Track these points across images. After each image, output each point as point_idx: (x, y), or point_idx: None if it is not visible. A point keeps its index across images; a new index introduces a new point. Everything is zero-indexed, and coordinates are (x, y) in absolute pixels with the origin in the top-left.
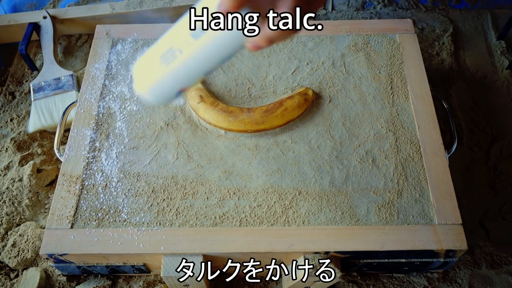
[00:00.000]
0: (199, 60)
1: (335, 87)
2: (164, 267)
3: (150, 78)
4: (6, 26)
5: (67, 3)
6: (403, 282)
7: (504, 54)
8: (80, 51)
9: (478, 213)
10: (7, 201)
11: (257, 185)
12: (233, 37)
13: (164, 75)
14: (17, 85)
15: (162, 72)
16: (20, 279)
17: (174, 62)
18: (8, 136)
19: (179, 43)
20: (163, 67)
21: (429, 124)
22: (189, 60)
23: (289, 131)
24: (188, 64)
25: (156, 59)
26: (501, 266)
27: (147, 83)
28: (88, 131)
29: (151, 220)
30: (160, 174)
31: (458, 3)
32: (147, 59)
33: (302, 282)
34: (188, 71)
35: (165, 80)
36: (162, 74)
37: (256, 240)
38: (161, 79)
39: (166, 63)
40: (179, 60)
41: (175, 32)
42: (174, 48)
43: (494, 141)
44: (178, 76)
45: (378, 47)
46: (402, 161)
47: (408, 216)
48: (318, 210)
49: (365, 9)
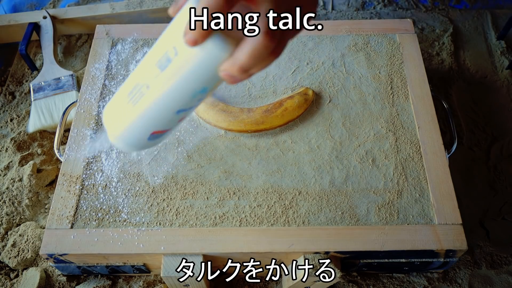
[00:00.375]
0: (169, 96)
1: (335, 87)
2: (164, 267)
3: (119, 121)
4: (6, 26)
5: (67, 3)
6: (403, 282)
7: (504, 54)
8: (80, 51)
9: (478, 213)
10: (7, 201)
11: (257, 185)
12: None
13: (132, 117)
14: (17, 85)
15: (130, 113)
16: (20, 279)
17: (142, 100)
18: (8, 136)
19: (146, 77)
20: (130, 107)
21: (429, 124)
22: (158, 97)
23: (289, 131)
24: (157, 101)
25: (124, 99)
26: (501, 266)
27: (116, 128)
28: (88, 131)
29: (151, 220)
30: (160, 174)
31: (458, 3)
32: (115, 100)
33: (302, 282)
34: (158, 109)
35: (134, 123)
36: (130, 115)
37: (256, 240)
38: (130, 121)
39: (133, 102)
40: (146, 97)
41: (142, 65)
42: (141, 83)
43: (494, 141)
44: (148, 117)
45: (378, 47)
46: (402, 161)
47: (408, 216)
48: (318, 210)
49: (365, 9)
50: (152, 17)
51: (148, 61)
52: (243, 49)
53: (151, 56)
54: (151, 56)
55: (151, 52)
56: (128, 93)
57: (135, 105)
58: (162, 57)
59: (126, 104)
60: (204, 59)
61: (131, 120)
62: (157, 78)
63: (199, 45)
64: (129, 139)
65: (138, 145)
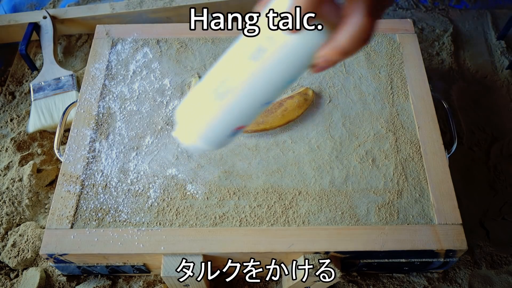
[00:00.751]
0: (260, 87)
1: (335, 87)
2: (164, 267)
3: (201, 120)
4: (6, 26)
5: (67, 3)
6: (403, 282)
7: (504, 54)
8: (80, 51)
9: (478, 213)
10: (7, 201)
11: (257, 185)
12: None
13: (218, 113)
14: (17, 85)
15: (215, 109)
16: (20, 279)
17: (231, 93)
18: (8, 136)
19: (235, 70)
20: (216, 103)
21: (429, 124)
22: (249, 89)
23: (289, 131)
24: (248, 93)
25: (208, 96)
26: (501, 266)
27: (196, 127)
28: (88, 131)
29: (151, 220)
30: (160, 174)
31: (458, 3)
32: (195, 99)
33: (302, 282)
34: (247, 102)
35: (219, 119)
36: (215, 112)
37: (256, 240)
38: (215, 118)
39: (220, 97)
40: (236, 91)
41: (229, 59)
42: (230, 77)
43: (494, 141)
44: (235, 111)
45: (378, 47)
46: (402, 161)
47: (408, 216)
48: (318, 210)
49: None
50: (152, 17)
51: (237, 54)
52: (344, 32)
53: (239, 48)
54: (239, 48)
55: (238, 45)
56: (214, 89)
57: (222, 100)
58: (255, 48)
59: (211, 101)
60: (301, 46)
61: (217, 117)
62: (248, 70)
63: (298, 32)
64: (211, 136)
65: (218, 143)
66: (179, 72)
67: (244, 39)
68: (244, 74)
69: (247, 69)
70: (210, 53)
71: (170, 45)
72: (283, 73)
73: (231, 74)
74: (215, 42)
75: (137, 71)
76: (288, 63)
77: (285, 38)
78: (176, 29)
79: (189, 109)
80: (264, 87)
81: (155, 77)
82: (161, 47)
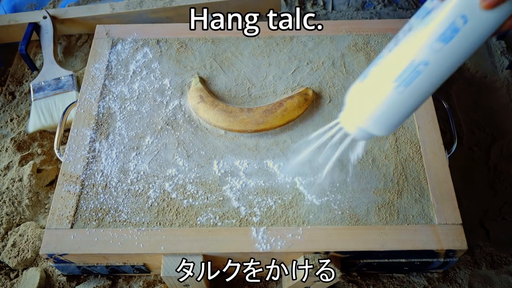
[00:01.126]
0: (449, 68)
1: (335, 87)
2: (164, 267)
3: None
4: (6, 26)
5: (67, 3)
6: (403, 282)
7: (504, 54)
8: (80, 51)
9: (478, 213)
10: (7, 201)
11: (257, 185)
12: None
13: (401, 99)
14: (17, 85)
15: (397, 95)
16: (20, 279)
17: (418, 78)
18: (8, 136)
19: (423, 54)
20: (400, 89)
21: (429, 124)
22: (438, 71)
23: (289, 131)
24: (436, 76)
25: (389, 82)
26: (501, 266)
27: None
28: (88, 131)
29: (151, 220)
30: (160, 174)
31: None
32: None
33: (302, 282)
34: (432, 85)
35: (401, 104)
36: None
37: (256, 240)
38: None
39: (405, 83)
40: (424, 75)
41: (413, 44)
42: (416, 61)
43: (494, 141)
44: (420, 95)
45: (378, 47)
46: (402, 161)
47: (408, 216)
48: (318, 210)
49: (365, 9)
50: (152, 17)
51: (423, 38)
52: None
53: (426, 32)
54: (426, 32)
55: (425, 29)
56: (398, 76)
57: (408, 86)
58: (447, 29)
59: (394, 88)
60: (494, 22)
61: (398, 102)
62: (439, 52)
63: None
64: (387, 121)
65: (391, 128)
66: (179, 72)
67: (434, 19)
68: (434, 58)
69: (437, 52)
70: (210, 53)
71: (170, 45)
72: (469, 52)
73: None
74: (215, 42)
75: (137, 71)
76: (478, 42)
77: (479, 15)
78: (176, 29)
79: (364, 94)
80: (452, 67)
81: (155, 77)
82: (161, 47)
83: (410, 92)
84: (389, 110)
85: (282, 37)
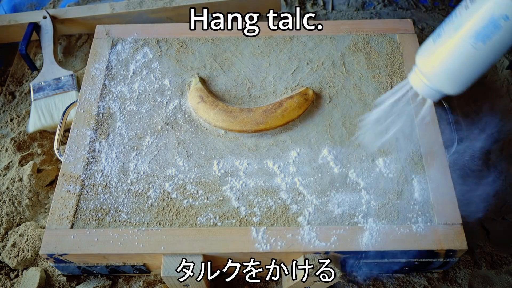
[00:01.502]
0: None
1: (335, 87)
2: (164, 267)
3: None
4: (6, 26)
5: (67, 3)
6: (403, 282)
7: (504, 54)
8: (80, 51)
9: (478, 213)
10: (7, 201)
11: (257, 185)
12: None
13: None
14: (17, 85)
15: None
16: (20, 279)
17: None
18: (8, 136)
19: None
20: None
21: (429, 124)
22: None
23: (289, 131)
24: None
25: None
26: (501, 266)
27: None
28: (88, 131)
29: (151, 220)
30: (160, 174)
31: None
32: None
33: (302, 282)
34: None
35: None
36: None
37: (256, 240)
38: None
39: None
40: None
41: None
42: (495, 17)
43: (494, 141)
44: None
45: (378, 47)
46: (402, 161)
47: (408, 216)
48: (318, 210)
49: (365, 9)
50: (152, 17)
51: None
52: None
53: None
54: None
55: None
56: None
57: (487, 42)
58: None
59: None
60: None
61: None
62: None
63: None
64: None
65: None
66: (179, 72)
67: None
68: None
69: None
70: (210, 53)
71: (170, 45)
72: None
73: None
74: (215, 42)
75: (137, 71)
76: None
77: None
78: (176, 29)
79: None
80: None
81: (155, 77)
82: (161, 47)
83: (488, 48)
84: (465, 68)
85: (282, 37)
